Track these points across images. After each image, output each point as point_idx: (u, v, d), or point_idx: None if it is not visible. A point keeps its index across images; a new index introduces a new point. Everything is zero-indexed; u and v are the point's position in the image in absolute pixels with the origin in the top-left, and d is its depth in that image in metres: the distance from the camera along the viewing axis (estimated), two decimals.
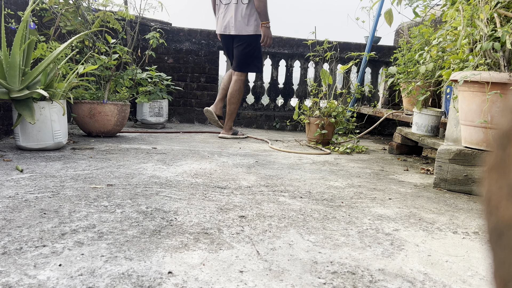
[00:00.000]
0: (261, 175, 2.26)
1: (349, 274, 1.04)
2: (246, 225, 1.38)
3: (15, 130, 2.55)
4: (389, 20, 2.76)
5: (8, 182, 1.77)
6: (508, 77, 1.88)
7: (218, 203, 1.62)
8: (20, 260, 1.00)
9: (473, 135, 2.08)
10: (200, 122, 5.42)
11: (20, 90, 2.51)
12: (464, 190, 2.12)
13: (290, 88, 5.72)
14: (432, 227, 1.49)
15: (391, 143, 3.64)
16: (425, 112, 3.15)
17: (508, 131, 0.26)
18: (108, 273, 0.96)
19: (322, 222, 1.47)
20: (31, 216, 1.33)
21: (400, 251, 1.23)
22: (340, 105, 3.89)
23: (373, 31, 4.85)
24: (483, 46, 1.95)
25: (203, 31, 5.32)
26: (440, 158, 2.19)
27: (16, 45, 2.49)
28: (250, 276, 0.99)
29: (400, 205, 1.79)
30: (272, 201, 1.71)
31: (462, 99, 2.11)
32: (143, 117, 4.53)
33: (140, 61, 4.70)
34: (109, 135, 3.54)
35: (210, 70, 5.38)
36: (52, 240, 1.14)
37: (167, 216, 1.41)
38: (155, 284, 0.92)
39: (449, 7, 2.31)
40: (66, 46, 2.78)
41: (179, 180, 1.99)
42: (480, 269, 1.14)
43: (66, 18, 3.53)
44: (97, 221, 1.32)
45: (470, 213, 1.73)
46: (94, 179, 1.91)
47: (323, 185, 2.11)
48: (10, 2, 3.06)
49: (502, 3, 1.98)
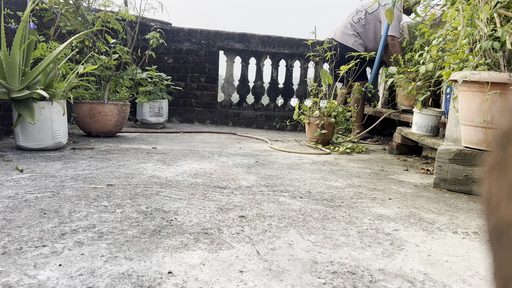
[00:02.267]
0: (261, 175, 2.26)
1: (349, 274, 1.04)
2: (246, 225, 1.38)
3: (15, 130, 2.55)
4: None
5: (8, 182, 1.77)
6: (508, 77, 1.88)
7: (218, 203, 1.62)
8: (20, 260, 1.00)
9: (473, 135, 2.08)
10: (200, 122, 5.42)
11: (20, 90, 2.51)
12: (464, 190, 2.12)
13: (290, 88, 5.72)
14: (432, 227, 1.49)
15: (391, 143, 3.64)
16: (425, 112, 3.15)
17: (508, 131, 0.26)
18: (108, 273, 0.96)
19: (322, 222, 1.47)
20: (31, 216, 1.33)
21: (400, 251, 1.23)
22: (340, 105, 3.89)
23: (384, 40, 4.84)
24: (482, 45, 1.95)
25: (203, 31, 5.32)
26: (440, 158, 2.19)
27: (16, 45, 2.49)
28: (250, 276, 0.99)
29: (400, 205, 1.79)
30: (272, 201, 1.71)
31: (462, 99, 2.11)
32: (143, 117, 4.53)
33: (140, 61, 4.70)
34: (109, 135, 3.54)
35: (210, 70, 5.38)
36: (52, 240, 1.14)
37: (167, 216, 1.41)
38: (155, 284, 0.92)
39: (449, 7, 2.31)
40: (66, 46, 2.78)
41: (179, 180, 1.99)
42: (480, 269, 1.14)
43: (66, 18, 3.53)
44: (97, 221, 1.32)
45: (470, 213, 1.73)
46: (94, 179, 1.91)
47: (323, 185, 2.11)
48: (9, 2, 3.06)
49: (502, 3, 1.98)
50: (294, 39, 5.51)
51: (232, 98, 5.69)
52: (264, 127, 5.48)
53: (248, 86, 5.63)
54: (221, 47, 5.40)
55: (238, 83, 5.61)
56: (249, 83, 5.64)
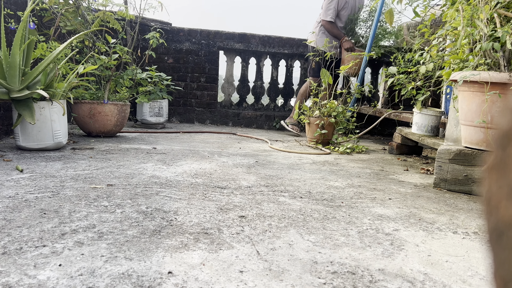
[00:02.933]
0: (261, 175, 2.26)
1: (349, 274, 1.04)
2: (246, 225, 1.38)
3: (15, 130, 2.55)
4: (389, 19, 2.76)
5: (8, 182, 1.77)
6: (508, 77, 1.88)
7: (218, 203, 1.62)
8: (20, 260, 1.00)
9: (473, 135, 2.08)
10: (200, 122, 5.42)
11: (20, 90, 2.51)
12: (464, 190, 2.12)
13: (290, 88, 5.72)
14: (432, 227, 1.49)
15: (391, 143, 3.64)
16: (425, 112, 3.15)
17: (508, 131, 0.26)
18: (108, 273, 0.96)
19: (322, 222, 1.47)
20: (31, 216, 1.33)
21: (400, 251, 1.23)
22: (340, 105, 3.89)
23: (374, 31, 4.84)
24: (482, 46, 1.95)
25: (203, 31, 5.32)
26: (440, 158, 2.19)
27: (16, 45, 2.49)
28: (250, 276, 0.99)
29: (400, 205, 1.79)
30: (272, 201, 1.71)
31: (462, 99, 2.11)
32: (143, 117, 4.53)
33: (140, 61, 4.70)
34: (109, 135, 3.54)
35: (210, 70, 5.38)
36: (52, 240, 1.14)
37: (167, 216, 1.41)
38: (155, 284, 0.92)
39: (449, 7, 2.31)
40: (66, 46, 2.78)
41: (179, 180, 1.99)
42: (480, 269, 1.14)
43: (66, 18, 3.53)
44: (97, 221, 1.32)
45: (470, 213, 1.73)
46: (94, 179, 1.91)
47: (323, 185, 2.11)
48: (9, 2, 3.06)
49: (502, 3, 1.98)
50: (294, 39, 5.51)
51: (232, 98, 5.69)
52: (264, 127, 5.48)
53: (248, 86, 5.63)
54: (221, 47, 5.40)
55: (238, 83, 5.61)
56: (249, 83, 5.64)
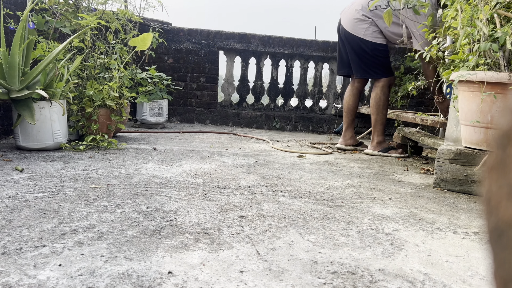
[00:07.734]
0: (261, 175, 2.26)
1: (349, 274, 1.04)
2: (246, 225, 1.38)
3: (15, 130, 2.55)
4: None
5: (8, 182, 1.77)
6: (508, 77, 1.88)
7: (218, 203, 1.62)
8: (20, 260, 1.00)
9: (473, 135, 2.08)
10: (200, 122, 5.42)
11: (20, 90, 2.51)
12: (464, 190, 2.12)
13: (290, 88, 5.72)
14: (432, 227, 1.49)
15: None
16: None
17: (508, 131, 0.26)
18: (108, 273, 0.96)
19: (322, 222, 1.47)
20: (31, 216, 1.33)
21: (400, 251, 1.23)
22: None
23: None
24: (481, 47, 1.95)
25: (203, 31, 5.32)
26: (440, 158, 2.19)
27: (15, 45, 2.49)
28: (250, 276, 0.99)
29: (400, 205, 1.79)
30: (272, 201, 1.71)
31: (462, 99, 2.11)
32: (143, 117, 4.53)
33: (140, 61, 4.70)
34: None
35: (210, 70, 5.38)
36: (52, 240, 1.14)
37: (167, 216, 1.41)
38: (155, 284, 0.92)
39: (449, 7, 2.31)
40: (65, 46, 2.78)
41: (179, 180, 1.99)
42: (480, 269, 1.14)
43: (66, 18, 3.53)
44: (97, 221, 1.32)
45: (470, 213, 1.73)
46: (94, 179, 1.91)
47: (323, 185, 2.10)
48: (9, 2, 3.06)
49: (502, 3, 1.98)
50: (294, 39, 5.50)
51: (232, 98, 5.68)
52: (264, 127, 5.48)
53: (248, 86, 5.63)
54: (221, 47, 5.40)
55: (238, 83, 5.61)
56: (249, 83, 5.64)
